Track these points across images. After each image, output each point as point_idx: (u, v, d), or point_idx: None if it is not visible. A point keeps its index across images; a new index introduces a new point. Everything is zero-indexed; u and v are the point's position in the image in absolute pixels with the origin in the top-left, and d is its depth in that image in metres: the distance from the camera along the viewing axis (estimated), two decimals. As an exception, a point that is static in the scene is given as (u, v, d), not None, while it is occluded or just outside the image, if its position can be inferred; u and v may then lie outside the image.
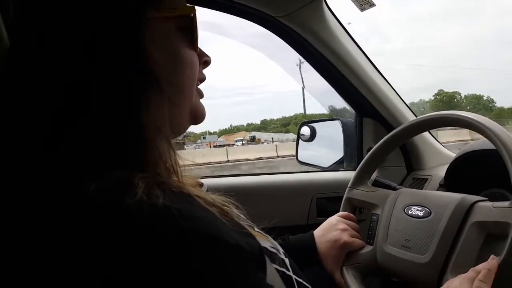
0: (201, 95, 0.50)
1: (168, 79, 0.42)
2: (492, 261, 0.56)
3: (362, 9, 1.13)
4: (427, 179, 1.08)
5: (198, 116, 0.49)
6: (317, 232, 0.79)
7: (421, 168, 1.17)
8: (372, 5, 1.11)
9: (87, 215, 0.32)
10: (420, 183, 1.09)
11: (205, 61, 0.51)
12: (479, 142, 0.90)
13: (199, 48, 0.49)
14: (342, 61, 1.12)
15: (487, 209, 0.63)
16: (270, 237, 0.49)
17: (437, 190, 0.99)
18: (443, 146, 1.20)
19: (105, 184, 0.33)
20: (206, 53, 0.51)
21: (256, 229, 0.48)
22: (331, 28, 1.12)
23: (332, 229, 0.78)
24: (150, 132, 0.38)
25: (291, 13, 1.08)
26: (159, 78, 0.40)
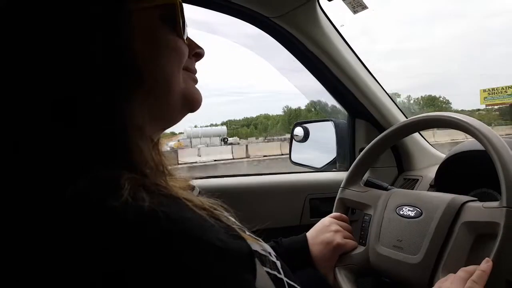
0: (194, 80, 0.49)
1: (149, 70, 0.41)
2: (487, 264, 0.56)
3: (354, 12, 1.14)
4: (417, 179, 1.09)
5: (192, 101, 0.47)
6: (310, 234, 0.79)
7: (411, 168, 1.19)
8: (365, 7, 1.13)
9: (72, 216, 0.31)
10: (411, 183, 1.11)
11: (197, 53, 0.49)
12: (469, 143, 0.91)
13: (190, 40, 0.48)
14: (335, 63, 1.13)
15: (477, 209, 0.65)
16: (261, 240, 0.49)
17: (428, 190, 1.00)
18: (433, 147, 1.22)
19: (90, 185, 0.33)
20: (199, 45, 0.49)
21: (247, 233, 0.48)
22: (324, 29, 1.13)
23: (325, 230, 0.78)
24: (130, 132, 0.38)
25: (285, 14, 1.09)
26: (139, 73, 0.40)
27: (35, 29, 0.37)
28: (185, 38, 0.46)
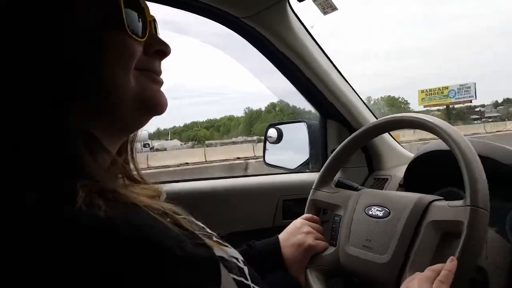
0: (155, 81, 0.44)
1: (93, 73, 0.39)
2: (452, 263, 0.57)
3: (325, 13, 1.15)
4: (387, 179, 1.11)
5: (151, 104, 0.43)
6: (282, 236, 0.79)
7: (381, 168, 1.21)
8: (335, 9, 1.14)
9: (27, 226, 0.31)
10: (380, 183, 1.13)
11: (158, 51, 0.45)
12: (436, 142, 0.93)
13: (153, 37, 0.45)
14: (306, 64, 1.14)
15: (443, 208, 0.66)
16: (229, 246, 0.48)
17: (397, 189, 1.02)
18: (402, 147, 1.25)
19: (45, 193, 0.32)
20: (163, 42, 0.45)
21: (214, 239, 0.47)
22: (294, 30, 1.13)
23: (296, 232, 0.78)
24: (82, 138, 0.37)
25: (255, 14, 1.09)
26: (82, 79, 0.38)
27: None
28: (137, 35, 0.42)
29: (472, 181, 0.61)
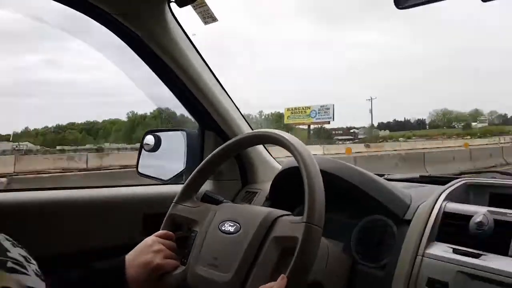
0: None
1: None
2: (282, 281, 0.57)
3: (205, 23, 1.14)
4: (257, 192, 1.12)
5: None
6: (129, 256, 0.72)
7: (254, 181, 1.22)
8: (215, 19, 1.14)
9: None
10: (250, 196, 1.13)
11: None
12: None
13: None
14: (184, 71, 1.10)
15: (285, 223, 0.66)
16: (28, 274, 0.42)
17: (263, 203, 1.03)
18: (276, 161, 1.28)
19: None
20: None
21: (10, 265, 0.40)
22: (173, 35, 1.08)
23: (146, 251, 0.72)
24: None
25: (129, 12, 1.01)
26: None
27: None
28: None
29: (310, 198, 0.63)
